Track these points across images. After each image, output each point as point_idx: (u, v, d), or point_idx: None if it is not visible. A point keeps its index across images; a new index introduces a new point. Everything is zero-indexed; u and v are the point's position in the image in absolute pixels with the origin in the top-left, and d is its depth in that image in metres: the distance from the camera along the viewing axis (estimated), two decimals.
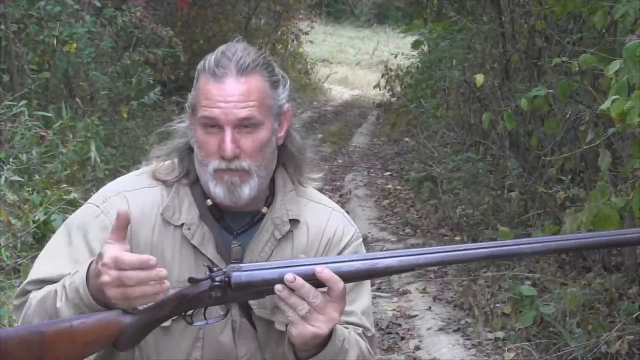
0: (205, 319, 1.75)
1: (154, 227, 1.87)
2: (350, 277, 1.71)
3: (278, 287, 1.66)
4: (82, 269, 1.72)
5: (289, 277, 1.66)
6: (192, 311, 1.73)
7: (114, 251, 1.64)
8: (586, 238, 1.74)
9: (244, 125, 1.80)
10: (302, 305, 1.67)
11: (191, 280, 1.71)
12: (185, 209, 1.87)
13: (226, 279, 1.69)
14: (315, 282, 1.68)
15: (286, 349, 1.79)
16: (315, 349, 1.75)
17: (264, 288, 1.69)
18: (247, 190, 1.82)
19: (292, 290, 1.67)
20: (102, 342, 1.70)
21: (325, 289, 1.69)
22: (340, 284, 1.68)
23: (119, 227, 1.68)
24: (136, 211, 1.86)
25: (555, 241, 1.71)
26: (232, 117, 1.79)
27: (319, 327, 1.69)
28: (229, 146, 1.78)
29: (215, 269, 1.71)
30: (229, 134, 1.79)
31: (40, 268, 1.85)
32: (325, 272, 1.67)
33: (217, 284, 1.69)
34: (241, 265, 1.72)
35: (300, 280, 1.66)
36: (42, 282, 1.82)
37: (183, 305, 1.71)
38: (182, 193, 1.89)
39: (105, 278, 1.63)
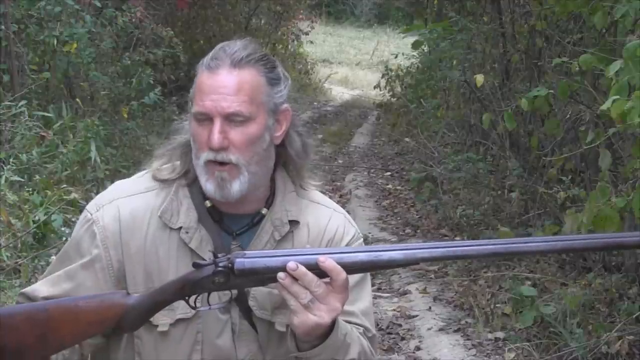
0: (209, 304, 1.76)
1: (147, 232, 1.87)
2: (353, 268, 1.71)
3: (280, 274, 1.67)
4: None
5: (291, 265, 1.67)
6: (195, 296, 1.74)
7: None
8: (593, 239, 1.72)
9: (234, 118, 1.80)
10: (304, 293, 1.68)
11: (195, 265, 1.72)
12: (183, 212, 1.87)
13: (229, 265, 1.70)
14: (318, 272, 1.69)
15: (288, 339, 1.79)
16: (317, 339, 1.75)
17: (267, 275, 1.70)
18: (237, 186, 1.82)
19: (295, 278, 1.68)
20: (106, 323, 1.72)
21: (327, 279, 1.70)
22: (342, 274, 1.68)
23: None
24: (127, 218, 1.87)
25: (561, 241, 1.70)
26: (221, 109, 1.79)
27: (321, 316, 1.69)
28: (216, 136, 1.78)
29: (219, 255, 1.73)
30: (217, 125, 1.79)
31: (51, 283, 1.88)
32: (327, 261, 1.68)
33: (220, 269, 1.70)
34: (245, 252, 1.74)
35: (302, 268, 1.67)
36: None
37: (186, 290, 1.72)
38: (180, 194, 1.89)
39: None
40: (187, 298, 1.74)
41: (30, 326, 1.67)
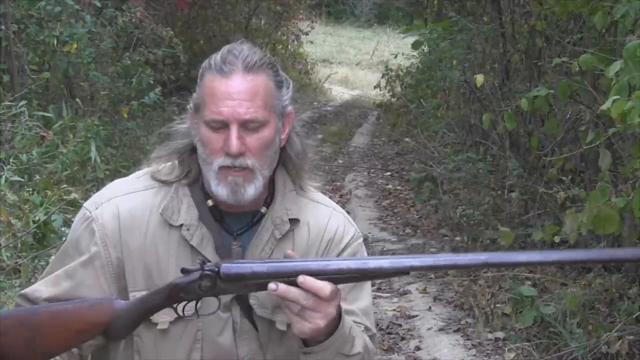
0: (197, 314, 1.76)
1: (147, 229, 1.86)
2: (339, 275, 1.70)
3: (272, 285, 1.67)
4: None
5: (271, 286, 1.67)
6: (183, 303, 1.74)
7: None
8: (584, 253, 1.74)
9: (250, 123, 1.80)
10: (293, 305, 1.69)
11: (183, 270, 1.72)
12: (184, 210, 1.87)
13: (216, 269, 1.70)
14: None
15: (294, 337, 1.79)
16: (322, 336, 1.75)
17: (253, 281, 1.70)
18: (252, 190, 1.82)
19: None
20: (94, 329, 1.71)
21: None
22: (325, 289, 1.67)
23: None
24: (126, 216, 1.86)
25: (554, 253, 1.70)
26: (238, 116, 1.78)
27: (315, 323, 1.70)
28: (234, 142, 1.77)
29: (208, 262, 1.74)
30: (234, 131, 1.78)
31: (50, 283, 1.87)
32: (306, 282, 1.67)
33: (206, 272, 1.70)
34: (235, 260, 1.75)
35: (282, 287, 1.67)
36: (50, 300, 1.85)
37: (174, 295, 1.72)
38: (180, 193, 1.88)
39: None
40: (175, 305, 1.74)
41: (21, 330, 1.66)
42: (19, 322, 1.67)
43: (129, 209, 1.87)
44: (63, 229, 5.20)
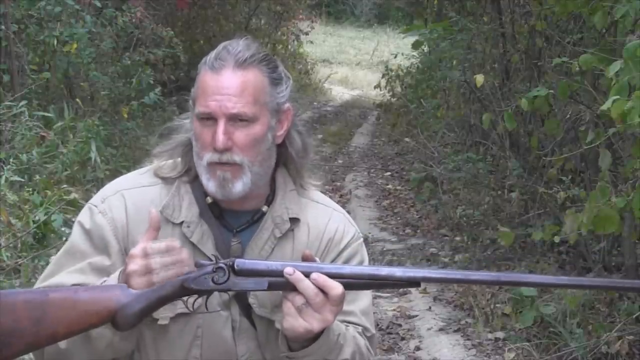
0: (206, 308, 1.77)
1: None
2: (352, 278, 1.72)
3: (288, 269, 1.69)
4: (114, 274, 1.77)
5: (288, 269, 1.69)
6: (193, 298, 1.74)
7: (142, 243, 1.71)
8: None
9: (238, 119, 1.81)
10: (299, 297, 1.70)
11: (197, 264, 1.73)
12: (185, 207, 1.88)
13: (230, 263, 1.72)
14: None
15: (279, 337, 1.79)
16: (307, 341, 1.76)
17: (266, 278, 1.71)
18: (240, 186, 1.83)
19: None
20: (102, 315, 1.69)
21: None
22: (336, 289, 1.70)
23: (151, 227, 1.74)
24: (133, 209, 1.87)
25: (558, 278, 1.81)
26: (225, 110, 1.79)
27: (311, 323, 1.70)
28: (220, 137, 1.79)
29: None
30: (221, 126, 1.79)
31: (55, 275, 1.86)
32: (320, 278, 1.69)
33: (220, 265, 1.71)
34: (245, 258, 1.76)
35: (298, 274, 1.69)
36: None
37: (186, 287, 1.71)
38: (182, 191, 1.90)
39: (132, 266, 1.69)
40: (186, 299, 1.74)
41: (28, 309, 1.65)
42: (26, 302, 1.66)
43: (135, 202, 1.88)
44: (63, 229, 5.20)
